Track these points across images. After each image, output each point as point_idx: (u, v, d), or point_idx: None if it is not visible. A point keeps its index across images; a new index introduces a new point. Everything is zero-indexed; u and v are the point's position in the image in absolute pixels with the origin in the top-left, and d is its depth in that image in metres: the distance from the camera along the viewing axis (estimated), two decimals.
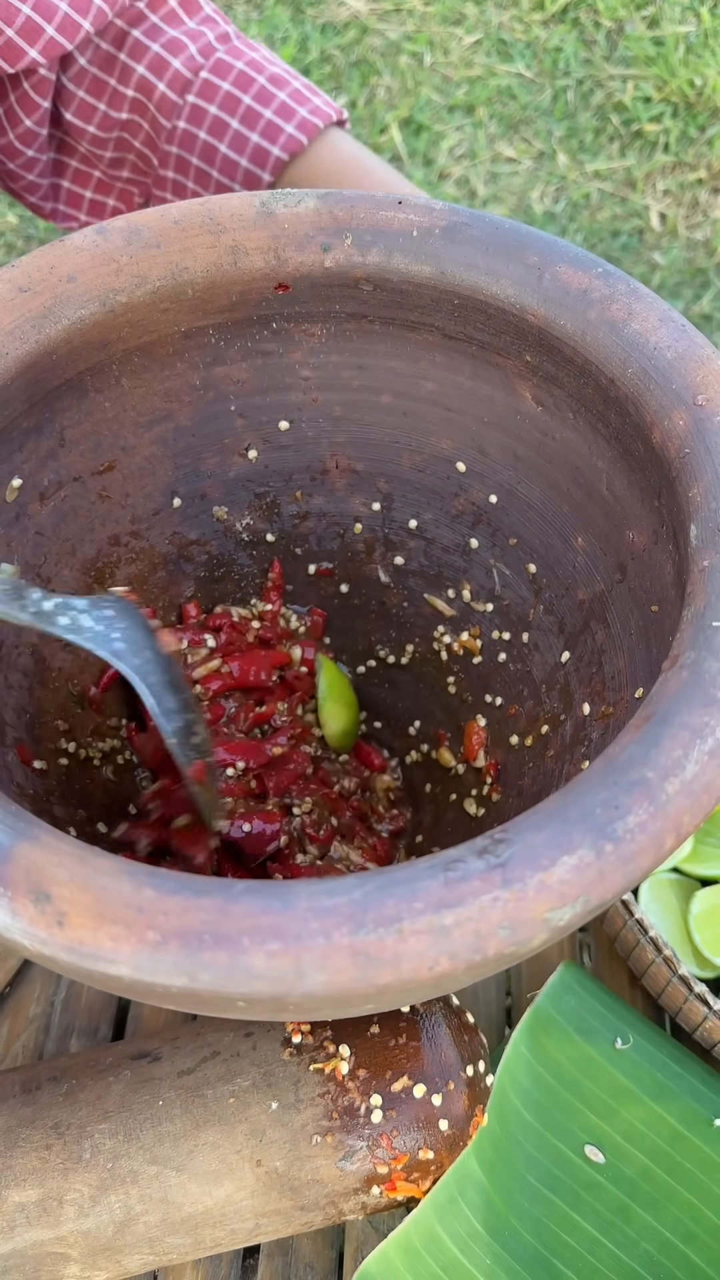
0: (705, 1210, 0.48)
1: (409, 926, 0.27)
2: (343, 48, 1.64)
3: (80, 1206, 0.43)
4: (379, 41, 1.65)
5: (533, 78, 1.62)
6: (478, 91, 1.59)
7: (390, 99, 1.58)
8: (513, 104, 1.58)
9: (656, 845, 0.29)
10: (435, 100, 1.58)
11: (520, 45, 1.64)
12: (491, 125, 1.56)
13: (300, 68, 1.62)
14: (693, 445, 0.38)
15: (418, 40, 1.65)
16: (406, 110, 1.56)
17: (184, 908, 0.27)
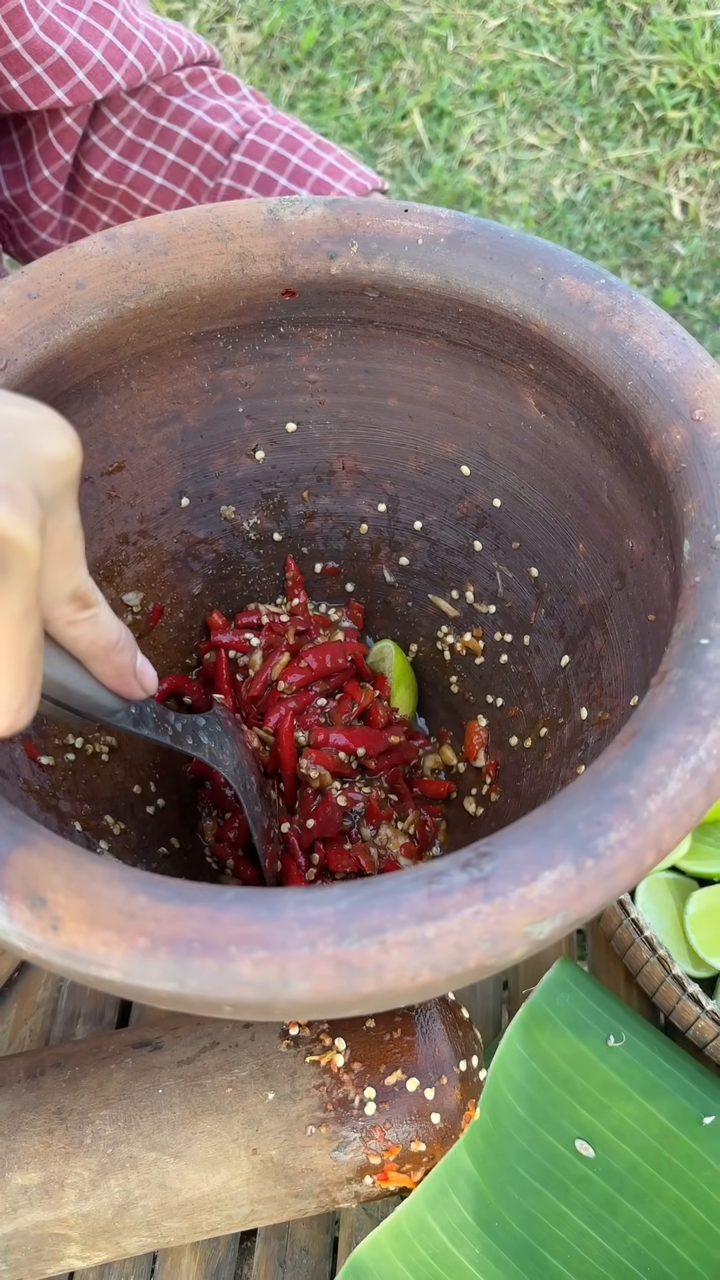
0: (692, 1206, 0.49)
1: (392, 938, 0.28)
2: (366, 31, 1.63)
3: (81, 1190, 0.44)
4: (402, 25, 1.64)
5: (556, 62, 1.60)
6: (501, 77, 1.58)
7: (413, 84, 1.57)
8: (536, 89, 1.57)
9: (637, 862, 0.30)
10: (458, 85, 1.57)
11: (545, 29, 1.63)
12: (514, 111, 1.55)
13: (323, 52, 1.61)
14: (689, 460, 0.38)
15: (441, 24, 1.63)
16: (429, 95, 1.56)
17: (174, 915, 0.28)
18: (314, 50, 1.60)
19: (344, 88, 1.57)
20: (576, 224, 1.44)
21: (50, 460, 0.29)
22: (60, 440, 0.30)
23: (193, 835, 0.55)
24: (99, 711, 0.37)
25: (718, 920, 0.56)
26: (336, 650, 0.55)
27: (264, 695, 0.54)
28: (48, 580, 0.30)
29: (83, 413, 0.48)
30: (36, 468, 0.28)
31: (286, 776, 0.52)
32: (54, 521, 0.29)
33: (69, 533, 0.30)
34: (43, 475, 0.29)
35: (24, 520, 0.27)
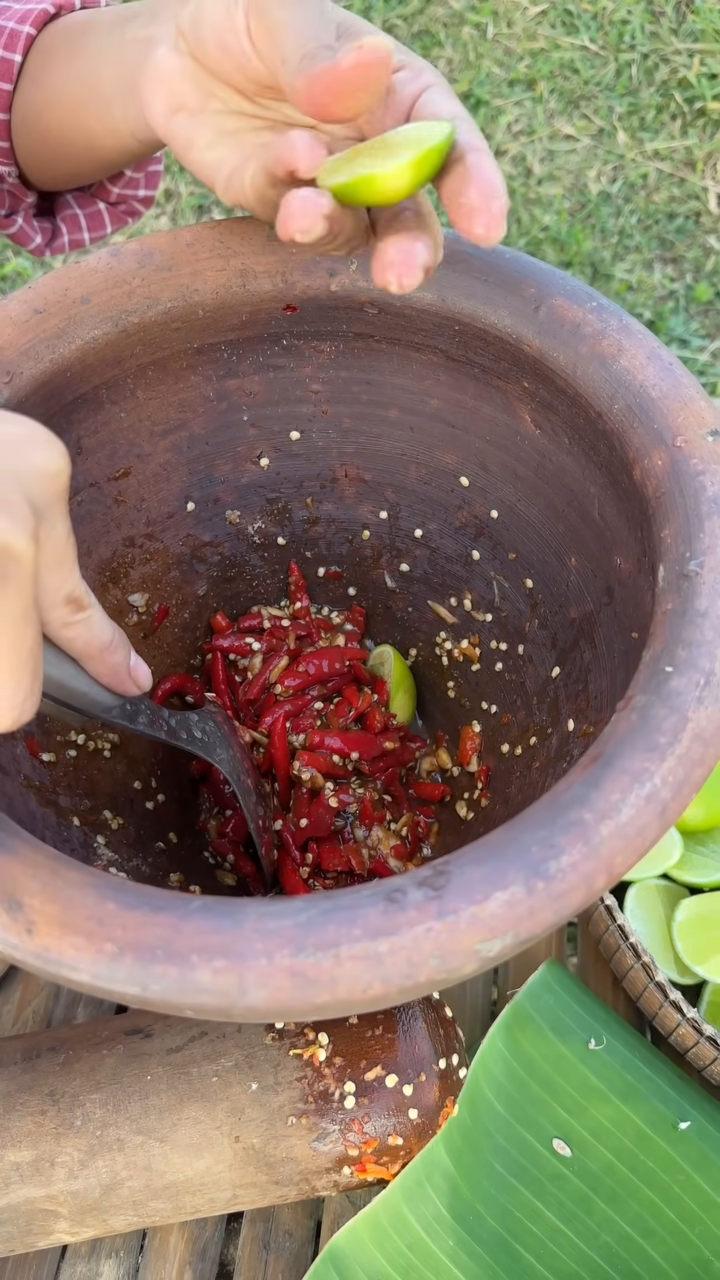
0: (665, 1208, 0.50)
1: (346, 951, 0.29)
2: (406, 17, 1.63)
3: (70, 1169, 0.46)
4: (442, 11, 1.63)
5: (597, 51, 1.59)
6: (540, 65, 1.57)
7: (450, 72, 1.57)
8: (574, 78, 1.56)
9: (587, 884, 0.31)
10: (496, 74, 1.57)
11: (586, 16, 1.61)
12: (552, 101, 1.54)
13: None
14: (668, 486, 0.39)
15: (482, 10, 1.62)
16: (466, 84, 1.55)
17: (140, 923, 0.30)
18: None
19: None
20: (610, 217, 1.43)
21: (41, 472, 0.31)
22: (50, 454, 0.32)
23: (192, 830, 0.57)
24: (96, 708, 0.39)
25: (705, 929, 0.57)
26: (334, 655, 0.57)
27: (261, 698, 0.56)
28: (43, 585, 0.33)
29: (89, 421, 0.49)
30: (29, 480, 0.30)
31: (280, 777, 0.54)
32: (46, 530, 0.31)
33: (61, 540, 0.32)
34: (35, 486, 0.31)
35: (19, 530, 0.29)
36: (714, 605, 0.35)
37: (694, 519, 0.38)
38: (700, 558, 0.37)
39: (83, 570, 0.52)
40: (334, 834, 0.54)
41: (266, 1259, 0.52)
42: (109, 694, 0.40)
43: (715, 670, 0.34)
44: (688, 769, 0.32)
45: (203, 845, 0.57)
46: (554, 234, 1.42)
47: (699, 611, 0.35)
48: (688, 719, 0.33)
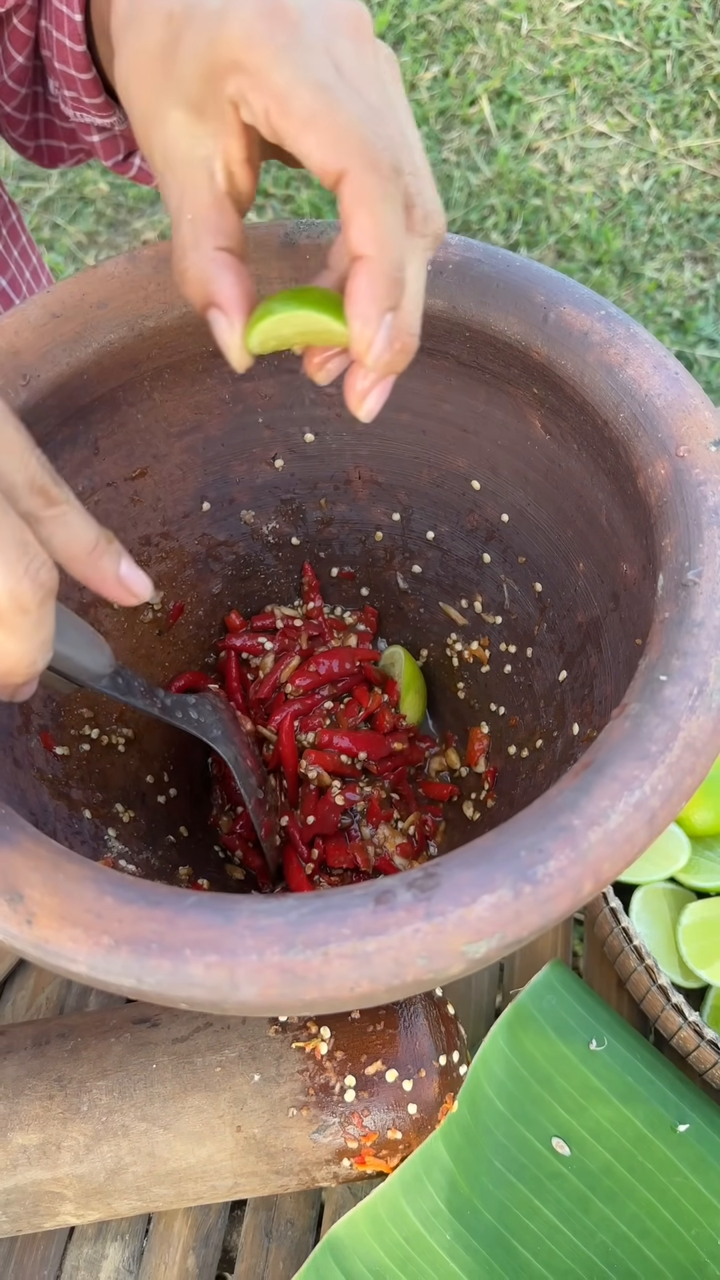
0: (662, 1209, 0.51)
1: (335, 950, 0.30)
2: (440, 14, 1.63)
3: (76, 1153, 0.48)
4: (477, 7, 1.63)
5: (632, 47, 1.58)
6: (573, 61, 1.56)
7: (483, 68, 1.56)
8: (608, 75, 1.55)
9: (574, 889, 0.31)
10: (529, 70, 1.56)
11: (622, 12, 1.60)
12: (585, 97, 1.54)
13: (395, 34, 1.61)
14: (670, 495, 0.39)
15: (516, 6, 1.62)
16: (499, 81, 1.55)
17: (137, 917, 0.31)
18: (385, 34, 1.60)
19: (414, 72, 1.56)
20: (641, 215, 1.43)
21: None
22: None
23: (203, 825, 0.58)
24: (85, 676, 0.39)
25: (710, 933, 0.57)
26: (345, 655, 0.57)
27: (271, 697, 0.57)
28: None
29: (107, 422, 0.50)
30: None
31: (288, 774, 0.55)
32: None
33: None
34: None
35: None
36: (711, 615, 0.36)
37: (694, 528, 0.38)
38: (699, 567, 0.37)
39: None
40: (340, 831, 0.54)
41: (268, 1247, 0.53)
42: (100, 661, 0.39)
43: (709, 680, 0.34)
44: (678, 777, 0.33)
45: (213, 840, 0.58)
46: (584, 232, 1.41)
47: (695, 621, 0.36)
48: (679, 728, 0.33)
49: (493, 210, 1.44)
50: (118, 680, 0.42)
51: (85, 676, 0.39)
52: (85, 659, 0.38)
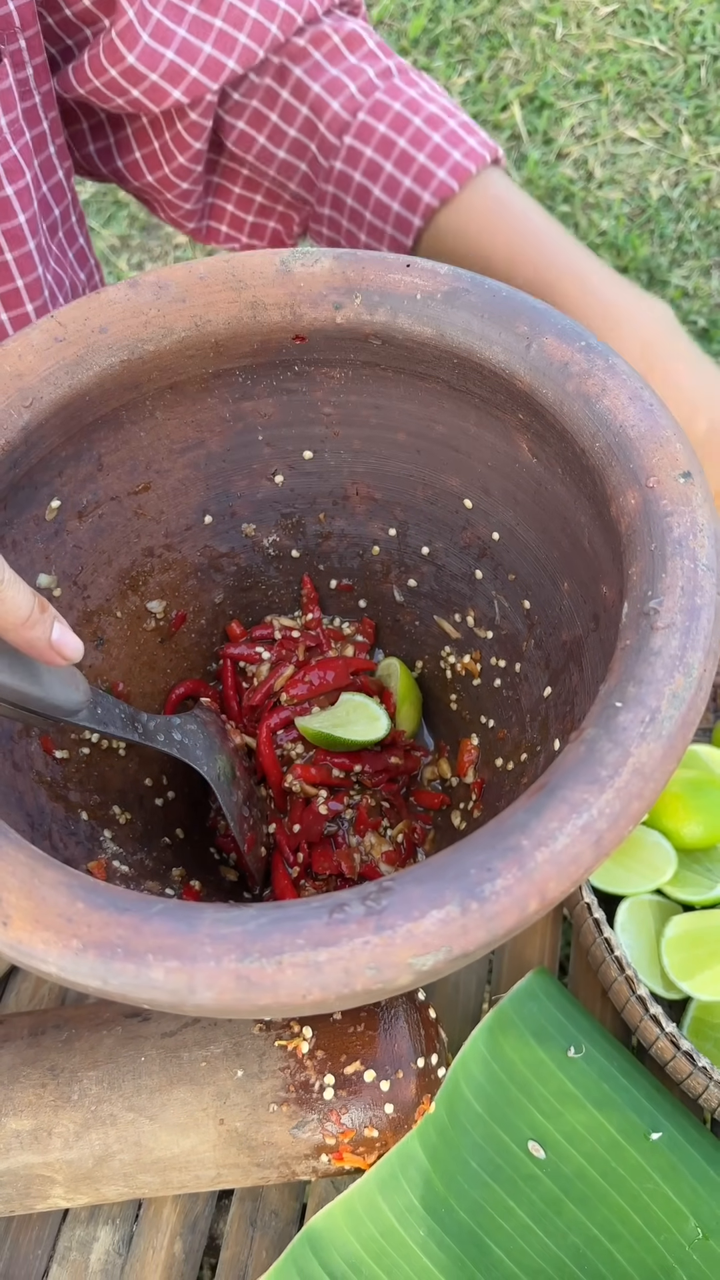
0: (632, 1214, 0.52)
1: (288, 959, 0.32)
2: (475, 18, 1.63)
3: (66, 1139, 0.50)
4: (512, 12, 1.63)
5: (666, 52, 1.58)
6: (607, 66, 1.56)
7: (516, 73, 1.57)
8: (642, 80, 1.55)
9: (520, 907, 0.33)
10: (562, 75, 1.56)
11: (657, 17, 1.60)
12: (617, 103, 1.54)
13: (430, 39, 1.62)
14: (639, 525, 0.41)
15: (552, 10, 1.62)
16: (531, 86, 1.55)
17: (105, 922, 0.33)
18: (420, 38, 1.61)
19: (447, 77, 1.57)
20: (670, 222, 1.42)
21: None
22: None
23: (201, 827, 0.60)
24: (58, 713, 0.41)
25: (693, 945, 0.58)
26: (340, 666, 0.59)
27: (263, 705, 0.58)
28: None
29: (110, 439, 0.52)
30: None
31: (272, 783, 0.56)
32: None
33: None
34: None
35: None
36: (668, 644, 0.37)
37: (659, 559, 0.39)
38: (660, 597, 0.38)
39: (103, 578, 0.55)
40: (327, 838, 0.56)
41: (253, 1236, 0.55)
42: (72, 698, 0.41)
43: (661, 708, 0.36)
44: (625, 801, 0.34)
45: (209, 841, 0.60)
46: (611, 239, 1.42)
47: (653, 650, 0.37)
48: (630, 754, 0.35)
49: None
50: (96, 711, 0.43)
51: (59, 714, 0.41)
52: (59, 697, 0.40)
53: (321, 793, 0.56)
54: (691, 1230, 0.51)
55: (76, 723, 0.42)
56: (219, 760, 0.53)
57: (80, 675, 0.43)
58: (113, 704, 0.45)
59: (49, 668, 0.40)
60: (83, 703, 0.42)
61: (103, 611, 0.55)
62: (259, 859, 0.55)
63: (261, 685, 0.59)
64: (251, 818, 0.55)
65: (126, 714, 0.46)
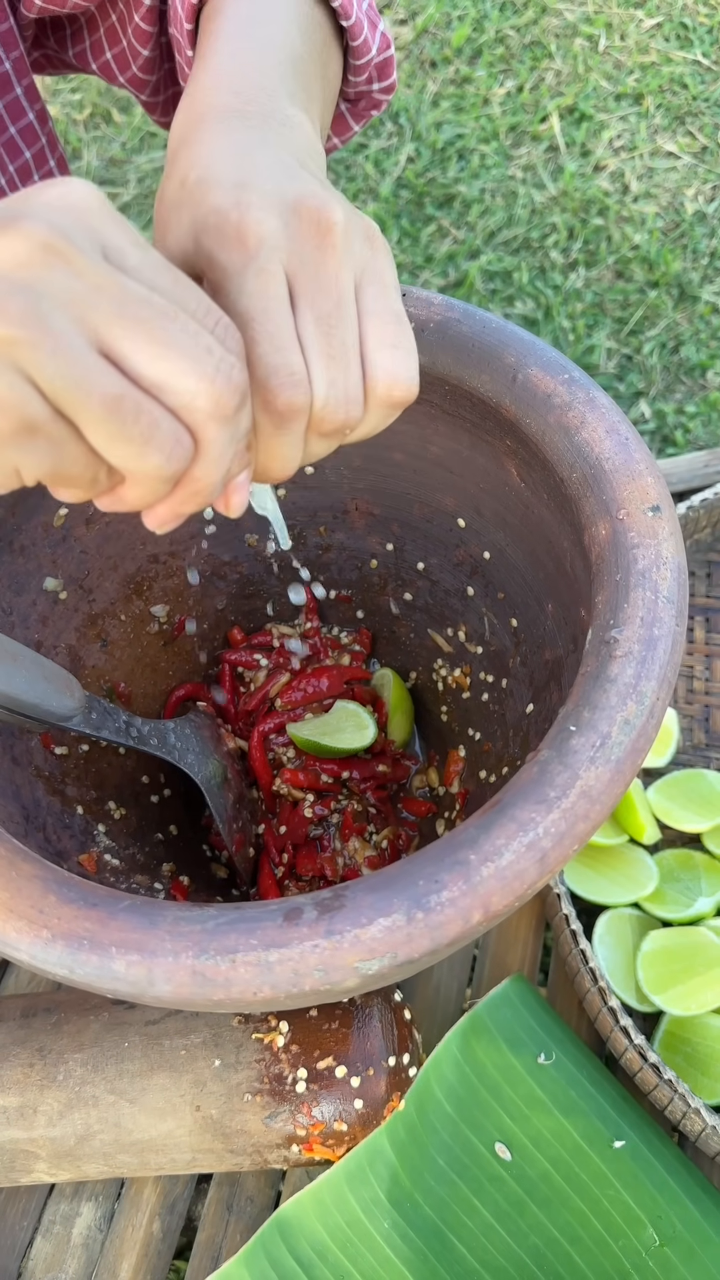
0: (593, 1219, 0.54)
1: (242, 958, 0.34)
2: (519, 29, 1.64)
3: (50, 1118, 0.52)
4: (556, 22, 1.64)
5: (710, 66, 1.58)
6: (649, 79, 1.57)
7: (558, 84, 1.58)
8: (683, 94, 1.55)
9: (464, 918, 0.35)
10: (603, 87, 1.57)
11: (702, 30, 1.60)
12: (657, 116, 1.54)
13: (473, 48, 1.63)
14: (607, 555, 0.42)
15: (596, 22, 1.63)
16: (572, 98, 1.56)
17: (74, 915, 0.35)
18: (464, 47, 1.62)
19: (488, 87, 1.58)
20: (704, 237, 1.43)
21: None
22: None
23: (195, 824, 0.62)
24: (51, 718, 0.43)
25: (667, 961, 0.60)
26: (335, 674, 0.61)
27: (258, 710, 0.60)
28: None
29: None
30: None
31: (262, 786, 0.59)
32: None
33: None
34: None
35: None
36: (624, 672, 0.39)
37: (622, 589, 0.41)
38: (621, 626, 0.40)
39: (109, 583, 0.57)
40: (312, 841, 0.58)
41: (228, 1219, 0.58)
42: (66, 704, 0.43)
43: (612, 734, 0.37)
44: (570, 822, 0.36)
45: (202, 839, 0.62)
46: (643, 253, 1.42)
47: (609, 677, 0.39)
48: (578, 776, 0.36)
49: (554, 229, 1.45)
50: (90, 717, 0.45)
51: (53, 719, 0.42)
52: (51, 703, 0.41)
53: (308, 797, 0.58)
54: (649, 1238, 0.53)
55: (70, 728, 0.44)
56: (211, 764, 0.55)
57: (75, 682, 0.45)
58: (107, 709, 0.47)
59: (44, 674, 0.42)
60: (76, 709, 0.44)
61: (107, 615, 0.58)
62: (246, 859, 0.57)
63: (258, 691, 0.61)
64: (241, 819, 0.57)
65: (121, 719, 0.48)
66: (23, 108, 0.62)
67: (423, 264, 1.43)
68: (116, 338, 0.28)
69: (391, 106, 1.55)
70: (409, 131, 1.52)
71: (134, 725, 0.49)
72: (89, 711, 0.45)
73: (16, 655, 0.41)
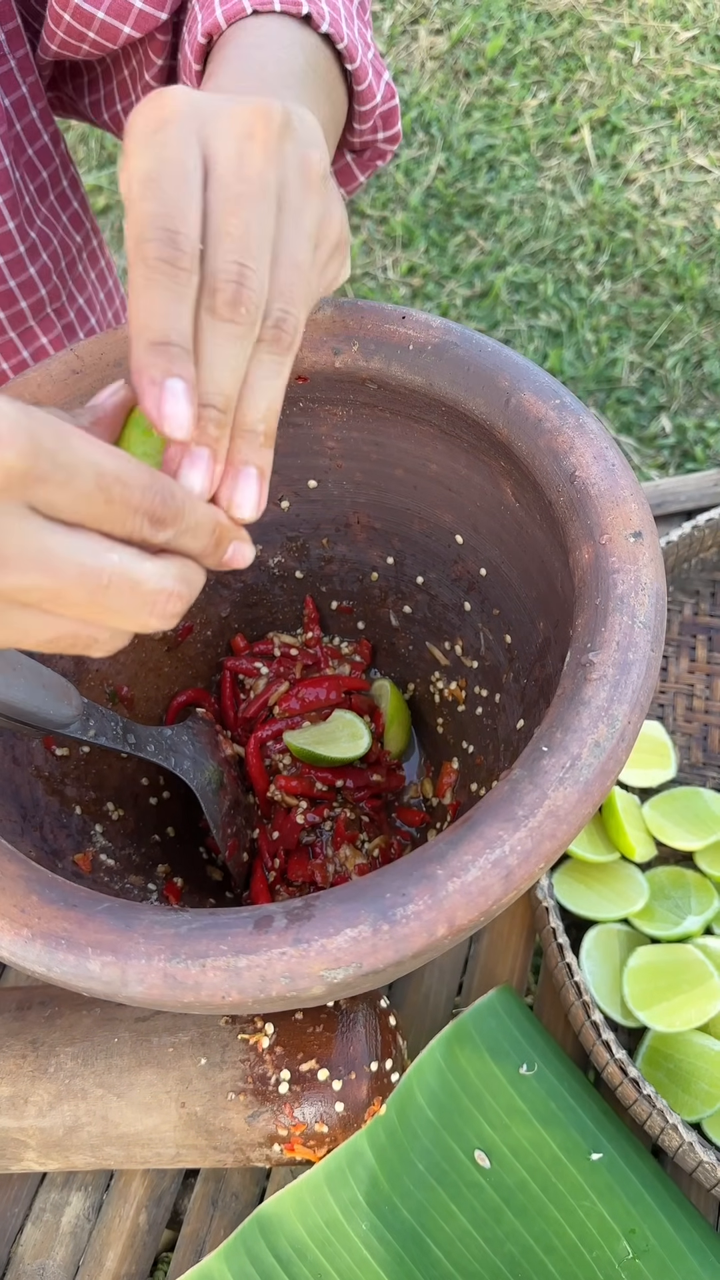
0: (568, 1229, 0.54)
1: (211, 963, 0.35)
2: (554, 40, 1.65)
3: (40, 1108, 0.54)
4: (591, 34, 1.64)
5: None
6: (682, 93, 1.57)
7: (590, 96, 1.58)
8: (716, 108, 1.55)
9: (428, 931, 0.36)
10: (636, 100, 1.57)
11: None
12: (689, 130, 1.54)
13: (507, 59, 1.64)
14: (589, 579, 0.43)
15: (631, 34, 1.63)
16: (604, 110, 1.56)
17: (53, 915, 0.36)
18: (498, 58, 1.63)
19: (521, 98, 1.59)
20: None
21: None
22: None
23: (193, 827, 0.64)
24: (49, 725, 0.44)
25: (652, 977, 0.60)
26: (333, 684, 0.62)
27: (256, 717, 0.62)
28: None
29: None
30: None
31: (258, 791, 0.60)
32: None
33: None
34: None
35: None
36: (597, 695, 0.40)
37: (601, 613, 0.42)
38: (598, 650, 0.41)
39: None
40: (304, 847, 0.59)
41: (213, 1214, 0.59)
42: (63, 712, 0.44)
43: (582, 755, 0.38)
44: (537, 841, 0.37)
45: (199, 841, 0.63)
46: (670, 267, 1.42)
47: (583, 700, 0.40)
48: (546, 796, 0.37)
49: (581, 241, 1.46)
50: (89, 723, 0.46)
51: (51, 726, 0.43)
52: (49, 710, 0.43)
53: (301, 803, 0.60)
54: (622, 1250, 0.53)
55: (68, 734, 0.45)
56: (207, 770, 0.56)
57: (73, 689, 0.46)
58: (106, 716, 0.49)
59: (42, 682, 0.43)
60: (74, 716, 0.45)
61: None
62: (240, 863, 0.59)
63: (257, 699, 0.62)
64: (236, 824, 0.58)
65: (118, 726, 0.50)
66: (38, 129, 0.64)
67: (449, 274, 1.44)
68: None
69: (424, 116, 1.56)
70: (440, 141, 1.53)
71: (132, 731, 0.51)
72: (87, 718, 0.46)
73: (16, 664, 0.43)
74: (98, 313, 0.83)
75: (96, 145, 1.61)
